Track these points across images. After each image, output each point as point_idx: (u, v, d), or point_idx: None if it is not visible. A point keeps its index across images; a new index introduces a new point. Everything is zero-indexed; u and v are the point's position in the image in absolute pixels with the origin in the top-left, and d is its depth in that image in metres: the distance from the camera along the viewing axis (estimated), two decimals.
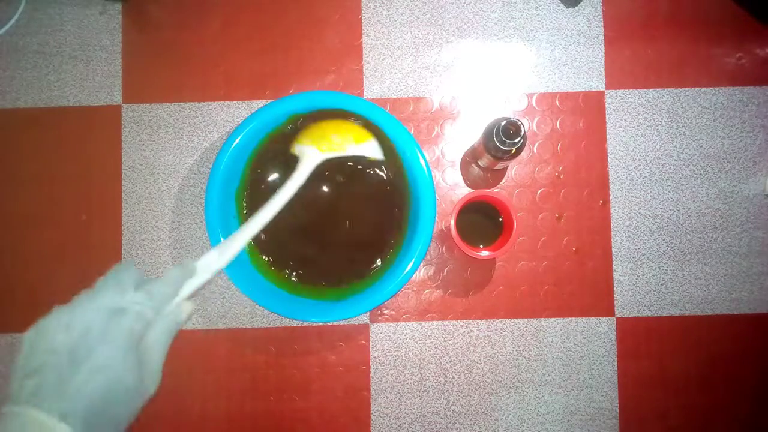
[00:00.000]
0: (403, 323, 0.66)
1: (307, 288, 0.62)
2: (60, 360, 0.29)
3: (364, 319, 0.66)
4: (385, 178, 0.63)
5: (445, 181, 0.67)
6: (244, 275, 0.59)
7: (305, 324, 0.65)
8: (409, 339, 0.65)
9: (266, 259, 0.62)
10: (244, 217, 0.62)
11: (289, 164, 0.62)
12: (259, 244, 0.62)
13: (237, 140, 0.60)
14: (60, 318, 0.31)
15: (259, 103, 0.67)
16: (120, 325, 0.31)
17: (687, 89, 0.68)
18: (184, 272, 0.37)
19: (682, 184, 0.67)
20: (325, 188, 0.62)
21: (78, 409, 0.29)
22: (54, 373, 0.29)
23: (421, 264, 0.65)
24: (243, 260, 0.60)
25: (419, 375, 0.65)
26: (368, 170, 0.62)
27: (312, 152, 0.52)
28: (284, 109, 0.60)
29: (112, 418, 0.30)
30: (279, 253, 0.62)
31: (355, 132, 0.56)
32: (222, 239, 0.59)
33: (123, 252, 0.66)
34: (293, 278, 0.62)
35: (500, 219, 0.63)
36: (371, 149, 0.56)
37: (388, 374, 0.65)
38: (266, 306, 0.59)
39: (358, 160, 0.62)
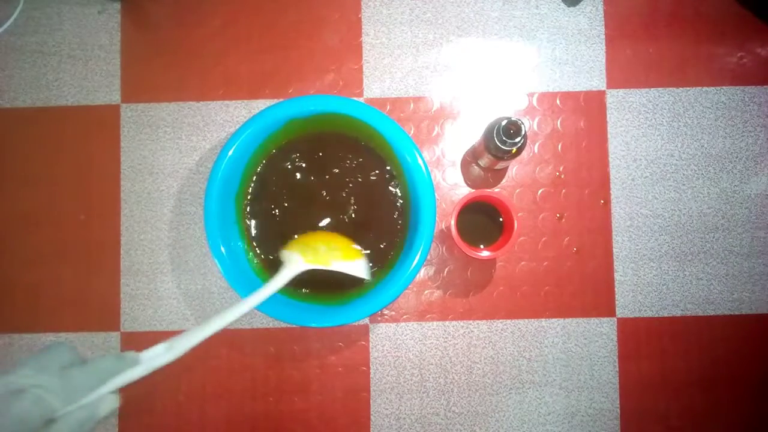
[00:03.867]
0: (403, 324, 0.65)
1: (308, 292, 0.61)
2: None
3: (364, 320, 0.65)
4: (385, 180, 0.62)
5: (446, 181, 0.67)
6: (244, 280, 0.59)
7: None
8: (409, 340, 0.65)
9: (266, 263, 0.62)
10: (245, 221, 0.62)
11: (289, 168, 0.62)
12: (258, 248, 0.62)
13: (234, 147, 0.59)
14: None
15: (258, 103, 0.67)
16: (12, 408, 0.29)
17: (688, 89, 0.67)
18: (120, 362, 0.35)
19: (684, 184, 0.67)
20: (324, 192, 0.62)
21: None
22: None
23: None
24: (243, 265, 0.60)
25: (419, 376, 0.65)
26: (367, 173, 0.62)
27: (296, 260, 0.53)
28: (281, 114, 0.60)
29: None
30: (279, 256, 0.62)
31: (344, 248, 0.57)
32: (221, 248, 0.59)
33: (122, 252, 0.66)
34: (294, 282, 0.62)
35: (501, 219, 0.62)
36: (357, 269, 0.56)
37: (388, 375, 0.65)
38: (268, 312, 0.58)
39: (357, 161, 0.62)
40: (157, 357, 0.37)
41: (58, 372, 0.32)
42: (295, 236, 0.60)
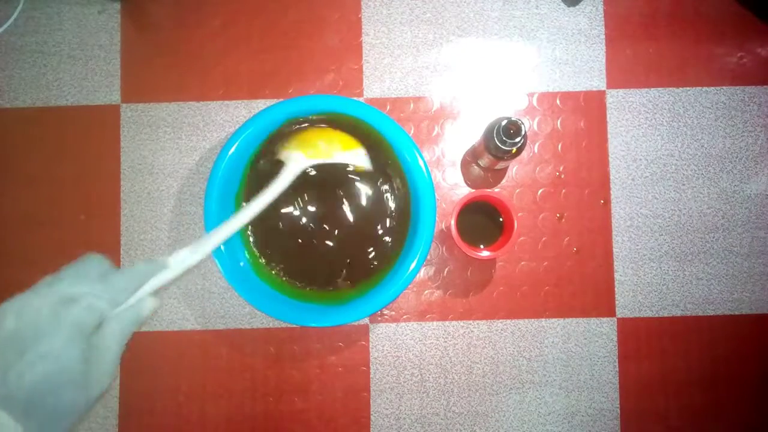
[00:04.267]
0: (403, 324, 0.65)
1: (308, 292, 0.61)
2: (5, 346, 0.29)
3: (364, 320, 0.65)
4: (384, 179, 0.62)
5: (446, 181, 0.67)
6: (243, 279, 0.59)
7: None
8: (409, 340, 0.65)
9: (266, 263, 0.62)
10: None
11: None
12: (259, 248, 0.62)
13: (234, 147, 0.59)
14: (14, 304, 0.31)
15: (258, 103, 0.67)
16: (67, 315, 0.30)
17: (688, 89, 0.67)
18: (153, 266, 0.36)
19: (684, 184, 0.67)
20: (324, 192, 0.62)
21: (17, 397, 0.28)
22: (0, 358, 0.29)
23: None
24: (242, 265, 0.60)
25: (419, 376, 0.65)
26: (367, 172, 0.62)
27: (298, 157, 0.52)
28: (281, 113, 0.60)
29: (54, 410, 0.30)
30: (279, 257, 0.62)
31: (342, 139, 0.56)
32: (221, 247, 0.59)
33: (122, 252, 0.66)
34: (294, 282, 0.62)
35: (501, 219, 0.62)
36: (358, 157, 0.56)
37: (388, 375, 0.65)
38: (268, 312, 0.58)
39: (354, 165, 0.62)
40: (183, 260, 0.38)
41: (98, 279, 0.33)
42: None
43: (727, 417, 0.65)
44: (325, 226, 0.62)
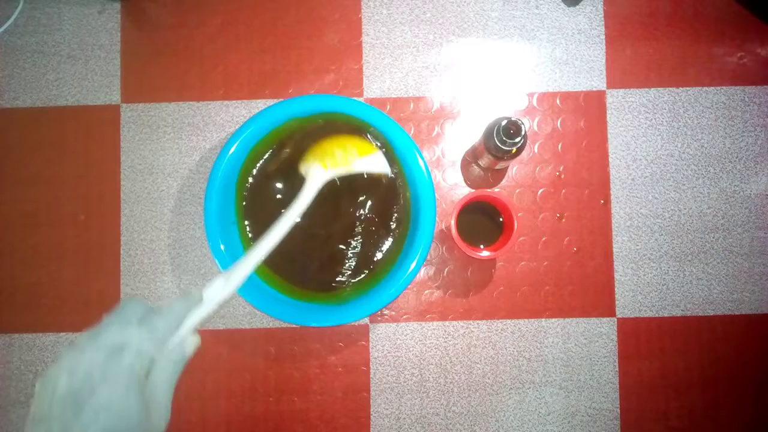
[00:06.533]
0: (403, 324, 0.65)
1: (307, 292, 0.61)
2: (64, 405, 0.29)
3: (364, 319, 0.65)
4: (384, 179, 0.62)
5: (446, 181, 0.67)
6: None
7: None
8: (409, 340, 0.65)
9: (266, 263, 0.62)
10: (243, 221, 0.62)
11: (286, 166, 0.62)
12: None
13: (234, 147, 0.59)
14: (63, 362, 0.30)
15: (258, 103, 0.67)
16: (120, 363, 0.31)
17: (688, 89, 0.67)
18: (189, 303, 0.36)
19: (684, 184, 0.67)
20: (323, 191, 0.62)
21: None
22: (59, 419, 0.29)
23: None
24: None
25: (419, 376, 0.65)
26: (365, 173, 0.62)
27: (317, 170, 0.52)
28: (282, 113, 0.60)
29: None
30: (278, 257, 0.62)
31: (358, 145, 0.56)
32: (221, 247, 0.59)
33: (122, 252, 0.66)
34: (294, 282, 0.62)
35: (501, 219, 0.62)
36: (377, 162, 0.55)
37: (388, 375, 0.65)
38: (268, 312, 0.58)
39: (373, 173, 0.62)
40: (217, 292, 0.38)
41: (138, 323, 0.33)
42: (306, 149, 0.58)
43: (727, 417, 0.65)
44: (325, 226, 0.62)
